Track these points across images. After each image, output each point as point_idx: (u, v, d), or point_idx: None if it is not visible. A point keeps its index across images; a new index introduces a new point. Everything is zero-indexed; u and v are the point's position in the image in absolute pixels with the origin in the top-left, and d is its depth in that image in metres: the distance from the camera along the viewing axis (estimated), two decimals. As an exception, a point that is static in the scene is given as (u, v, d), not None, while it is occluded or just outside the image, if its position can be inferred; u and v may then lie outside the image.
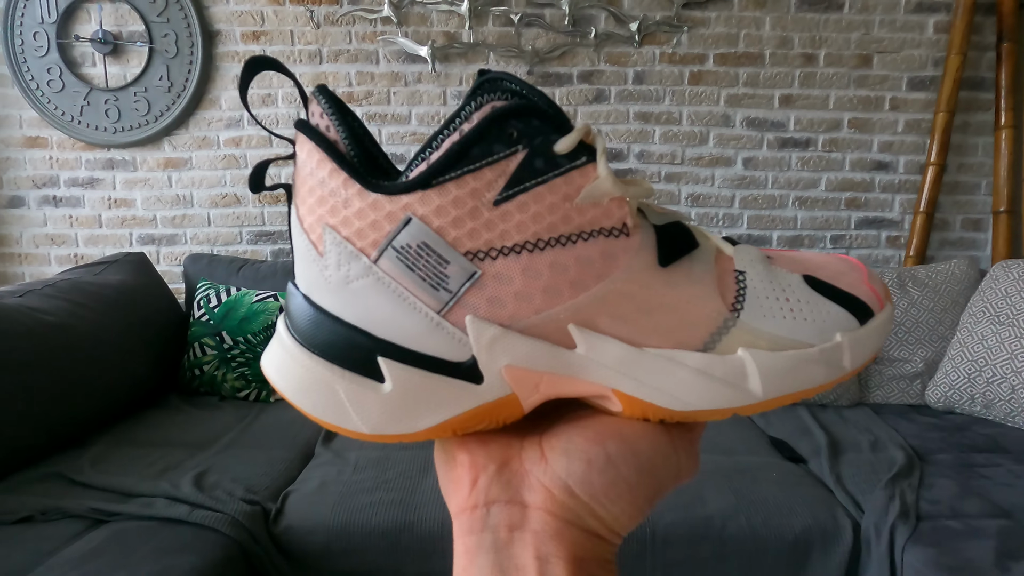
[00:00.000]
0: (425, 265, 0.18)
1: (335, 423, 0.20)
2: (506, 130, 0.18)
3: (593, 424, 0.20)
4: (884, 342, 0.22)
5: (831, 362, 0.21)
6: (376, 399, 0.19)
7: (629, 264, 0.19)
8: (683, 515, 0.97)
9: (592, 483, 0.19)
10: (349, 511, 0.97)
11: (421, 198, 0.18)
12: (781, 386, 0.20)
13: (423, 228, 0.18)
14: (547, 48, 1.79)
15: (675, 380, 0.20)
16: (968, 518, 0.94)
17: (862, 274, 0.22)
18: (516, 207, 0.18)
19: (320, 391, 0.19)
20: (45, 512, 0.89)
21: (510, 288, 0.18)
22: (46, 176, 1.85)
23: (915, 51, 1.79)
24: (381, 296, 0.19)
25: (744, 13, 1.78)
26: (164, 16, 1.74)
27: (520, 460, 0.20)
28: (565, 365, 0.19)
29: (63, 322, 1.19)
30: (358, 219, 0.18)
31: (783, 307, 0.21)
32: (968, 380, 1.37)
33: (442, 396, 0.19)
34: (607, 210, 0.19)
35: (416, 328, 0.19)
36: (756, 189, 1.87)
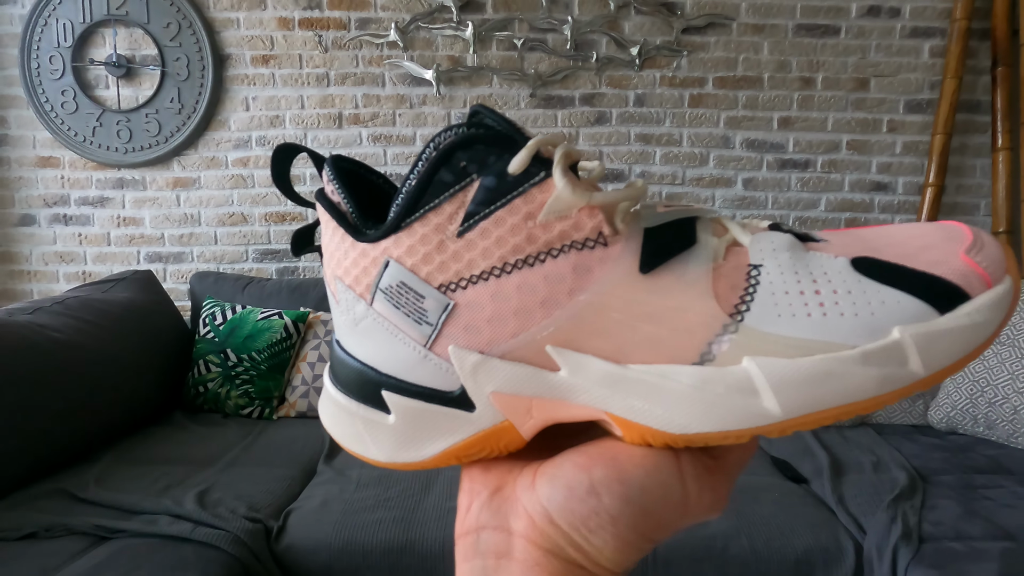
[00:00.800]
0: (406, 302, 0.19)
1: (358, 452, 0.22)
2: (456, 163, 0.18)
3: (589, 449, 0.19)
4: (997, 329, 0.17)
5: (886, 365, 0.16)
6: (386, 429, 0.21)
7: (606, 275, 0.18)
8: (685, 536, 0.97)
9: (572, 512, 0.18)
10: (351, 529, 0.97)
11: (395, 241, 0.19)
12: (807, 400, 0.17)
13: (399, 268, 0.19)
14: (550, 71, 1.82)
15: (668, 399, 0.18)
16: (971, 540, 0.93)
17: (961, 244, 0.18)
18: (478, 235, 0.18)
19: (345, 423, 0.22)
20: (49, 529, 0.90)
21: (483, 314, 0.19)
22: (57, 195, 1.88)
23: (911, 75, 1.82)
24: (379, 334, 0.20)
25: (743, 38, 1.82)
26: (177, 41, 1.79)
27: (513, 486, 0.20)
28: (551, 388, 0.19)
29: (71, 339, 1.21)
30: (354, 267, 0.20)
31: (809, 302, 0.17)
32: (970, 401, 1.37)
33: (440, 425, 0.20)
34: (577, 222, 0.18)
35: (409, 361, 0.20)
36: (756, 209, 1.89)
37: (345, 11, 1.81)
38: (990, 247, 0.18)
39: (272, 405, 1.49)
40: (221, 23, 1.82)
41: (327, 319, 1.59)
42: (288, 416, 1.49)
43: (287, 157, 0.22)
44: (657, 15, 1.80)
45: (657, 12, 1.79)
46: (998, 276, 0.17)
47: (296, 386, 1.51)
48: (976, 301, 0.17)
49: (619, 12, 1.80)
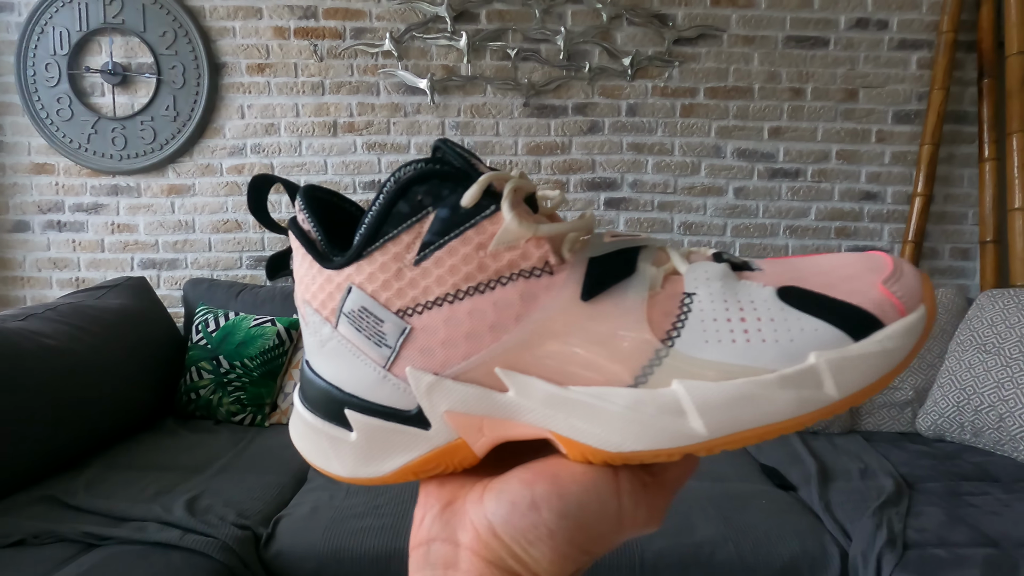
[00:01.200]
0: (367, 326, 0.20)
1: (322, 467, 0.23)
2: (414, 196, 0.19)
3: (535, 466, 0.20)
4: (904, 358, 0.18)
5: (803, 388, 0.18)
6: (348, 446, 0.22)
7: (550, 302, 0.19)
8: (672, 542, 0.98)
9: (514, 525, 0.19)
10: (340, 536, 0.97)
11: (356, 268, 0.20)
12: (731, 421, 0.18)
13: (361, 294, 0.20)
14: (543, 81, 1.84)
15: (604, 420, 0.19)
16: (955, 547, 0.94)
17: (881, 275, 0.19)
18: (433, 263, 0.19)
19: (312, 440, 0.23)
20: (38, 536, 0.90)
21: (436, 338, 0.20)
22: (51, 202, 1.89)
23: (899, 86, 1.85)
24: (343, 356, 0.21)
25: (733, 49, 1.84)
26: (173, 49, 1.80)
27: (463, 501, 0.21)
28: (500, 408, 0.20)
29: (64, 346, 1.21)
30: (320, 292, 0.21)
31: (735, 329, 0.18)
32: (957, 408, 1.38)
33: (398, 442, 0.21)
34: (525, 252, 0.19)
35: (369, 381, 0.21)
36: (747, 218, 1.91)
37: (340, 21, 1.83)
38: (908, 277, 0.19)
39: (264, 412, 1.49)
40: (217, 32, 1.83)
41: (320, 326, 1.60)
42: (280, 423, 1.49)
43: (263, 187, 0.23)
44: (649, 26, 1.82)
45: (649, 23, 1.82)
46: (912, 305, 0.18)
47: (288, 393, 1.51)
48: (888, 329, 0.18)
49: (611, 23, 1.82)
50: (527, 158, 1.88)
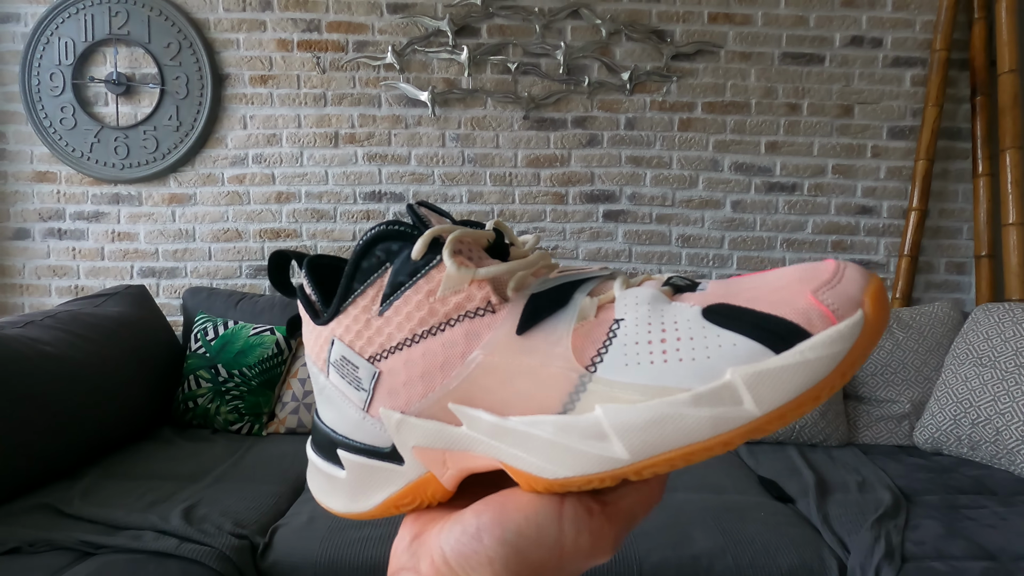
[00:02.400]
0: (348, 372, 0.23)
1: (326, 504, 0.26)
2: (373, 255, 0.22)
3: (490, 497, 0.21)
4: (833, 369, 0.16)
5: (718, 405, 0.17)
6: (340, 483, 0.25)
7: (490, 339, 0.20)
8: (670, 554, 0.98)
9: (460, 552, 0.20)
10: (337, 547, 0.97)
11: (337, 323, 0.23)
12: (651, 443, 0.18)
13: (341, 345, 0.23)
14: (542, 95, 1.86)
15: (536, 448, 0.19)
16: (953, 560, 0.94)
17: (813, 284, 0.18)
18: (393, 312, 0.21)
19: (318, 479, 0.26)
20: (33, 544, 0.89)
21: (399, 379, 0.22)
22: (52, 209, 1.89)
23: (894, 102, 1.88)
24: (334, 401, 0.24)
25: (730, 65, 1.87)
26: (177, 60, 1.82)
27: (430, 531, 0.22)
28: (456, 441, 0.21)
29: (62, 353, 1.21)
30: (315, 346, 0.24)
31: (655, 350, 0.18)
32: (954, 422, 1.39)
33: (379, 478, 0.24)
34: (469, 295, 0.20)
35: (353, 422, 0.24)
36: (745, 231, 1.92)
37: (343, 34, 1.86)
38: (846, 283, 0.17)
39: (262, 421, 1.49)
40: (221, 43, 1.85)
41: (319, 335, 1.60)
42: (278, 432, 1.49)
43: (283, 263, 0.26)
44: (647, 42, 1.85)
45: (647, 39, 1.84)
46: (845, 312, 0.17)
47: (286, 402, 1.51)
48: (813, 339, 0.17)
49: (611, 38, 1.85)
50: (526, 170, 1.90)
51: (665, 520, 1.05)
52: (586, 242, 1.92)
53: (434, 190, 1.90)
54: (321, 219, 1.91)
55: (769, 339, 0.17)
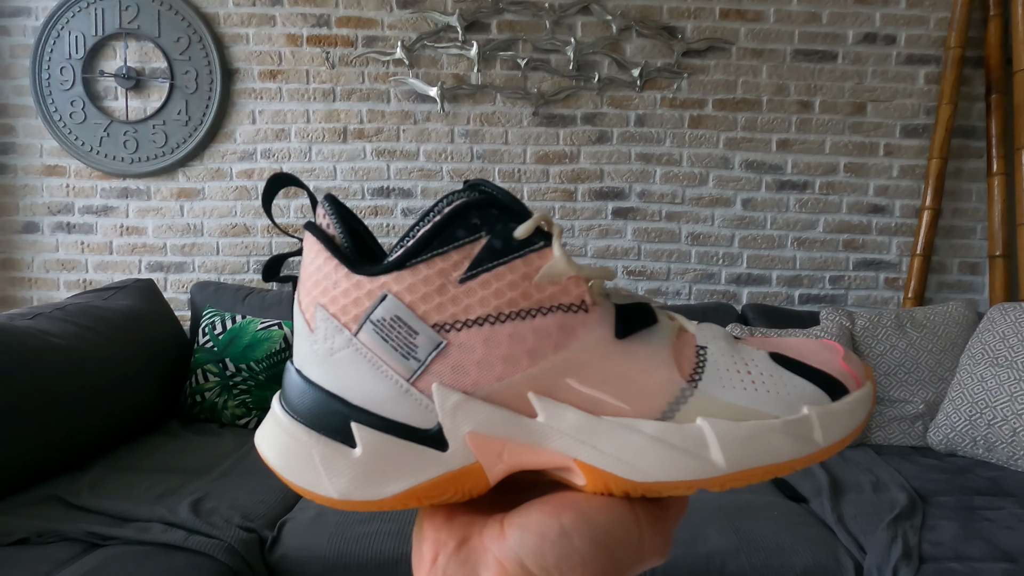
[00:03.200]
0: (397, 336, 0.20)
1: (308, 488, 0.21)
2: (470, 219, 0.20)
3: (553, 498, 0.21)
4: (863, 421, 0.22)
5: (799, 435, 0.20)
6: (346, 464, 0.20)
7: (586, 336, 0.20)
8: (683, 553, 0.96)
9: (544, 555, 0.19)
10: (345, 541, 0.96)
11: (396, 277, 0.20)
12: (745, 457, 0.20)
13: (396, 303, 0.20)
14: (552, 91, 1.85)
15: (632, 448, 0.20)
16: (972, 561, 0.92)
17: (838, 353, 0.23)
18: (479, 284, 0.20)
19: (298, 456, 0.21)
20: (41, 534, 0.89)
21: (472, 357, 0.20)
22: (61, 203, 1.89)
23: (907, 100, 1.86)
24: (358, 365, 0.20)
25: (742, 62, 1.85)
26: (186, 54, 1.82)
27: (480, 537, 0.20)
28: (526, 433, 0.20)
29: (71, 345, 1.20)
30: (343, 297, 0.20)
31: (744, 379, 0.21)
32: (969, 422, 1.37)
33: (408, 462, 0.20)
34: (565, 288, 0.21)
35: (387, 395, 0.20)
36: (755, 229, 1.91)
37: (353, 29, 1.85)
38: (855, 359, 0.23)
39: (269, 416, 1.48)
40: (231, 38, 1.85)
41: (326, 330, 1.59)
42: (285, 427, 1.48)
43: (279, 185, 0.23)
44: (658, 38, 1.84)
45: (658, 35, 1.83)
46: (863, 379, 0.22)
47: (294, 397, 1.50)
48: (854, 395, 0.22)
49: (621, 35, 1.84)
50: (535, 167, 1.89)
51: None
52: (595, 239, 1.91)
53: (443, 186, 1.89)
54: (329, 215, 1.90)
55: (827, 389, 0.21)
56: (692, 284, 1.92)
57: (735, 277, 1.92)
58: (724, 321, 1.67)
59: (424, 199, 1.89)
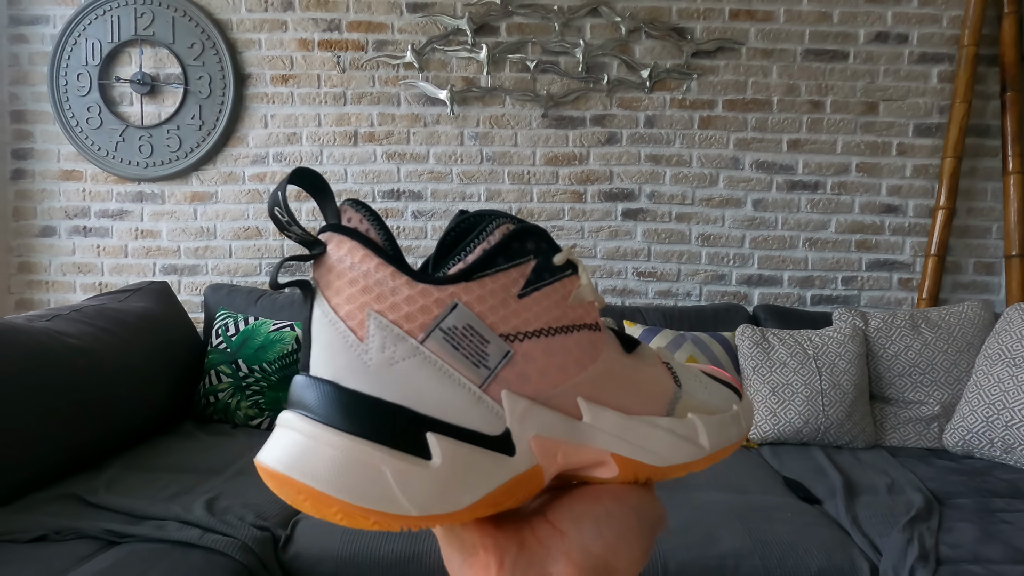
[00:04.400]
0: (468, 344, 0.20)
1: (378, 507, 0.19)
2: (524, 243, 0.22)
3: (584, 492, 0.24)
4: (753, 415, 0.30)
5: (738, 423, 0.28)
6: (424, 476, 0.19)
7: (607, 351, 0.24)
8: (696, 554, 0.96)
9: (604, 536, 0.22)
10: (357, 540, 0.96)
11: (465, 288, 0.21)
12: (718, 441, 0.26)
13: (467, 312, 0.21)
14: (561, 93, 1.86)
15: (655, 440, 0.24)
16: (990, 563, 0.91)
17: (723, 372, 0.31)
18: (533, 301, 0.22)
19: (362, 474, 0.19)
20: (59, 532, 0.90)
21: (534, 366, 0.22)
22: (78, 207, 1.92)
23: (920, 99, 1.84)
24: (428, 374, 0.20)
25: (752, 62, 1.85)
26: (200, 60, 1.84)
27: (536, 538, 0.22)
28: (577, 434, 0.23)
29: (87, 346, 1.22)
30: (407, 304, 0.20)
31: (700, 385, 0.28)
32: (986, 423, 1.35)
33: (483, 469, 0.20)
34: (588, 310, 0.24)
35: (460, 403, 0.20)
36: (766, 230, 1.90)
37: (363, 33, 1.87)
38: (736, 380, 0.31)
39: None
40: (243, 44, 1.88)
41: (338, 332, 1.60)
42: (297, 428, 1.49)
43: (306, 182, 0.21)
44: (667, 39, 1.84)
45: (667, 36, 1.83)
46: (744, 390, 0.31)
47: (305, 398, 1.51)
48: (747, 398, 0.30)
49: (630, 36, 1.84)
50: (545, 168, 1.89)
51: (689, 520, 1.03)
52: (604, 241, 1.91)
53: (452, 188, 1.90)
54: (340, 217, 1.92)
55: (735, 393, 0.29)
56: (703, 285, 1.91)
57: (746, 278, 1.91)
58: (736, 323, 1.66)
59: (434, 201, 1.90)
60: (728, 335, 1.60)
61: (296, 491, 0.19)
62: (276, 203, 0.20)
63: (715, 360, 1.53)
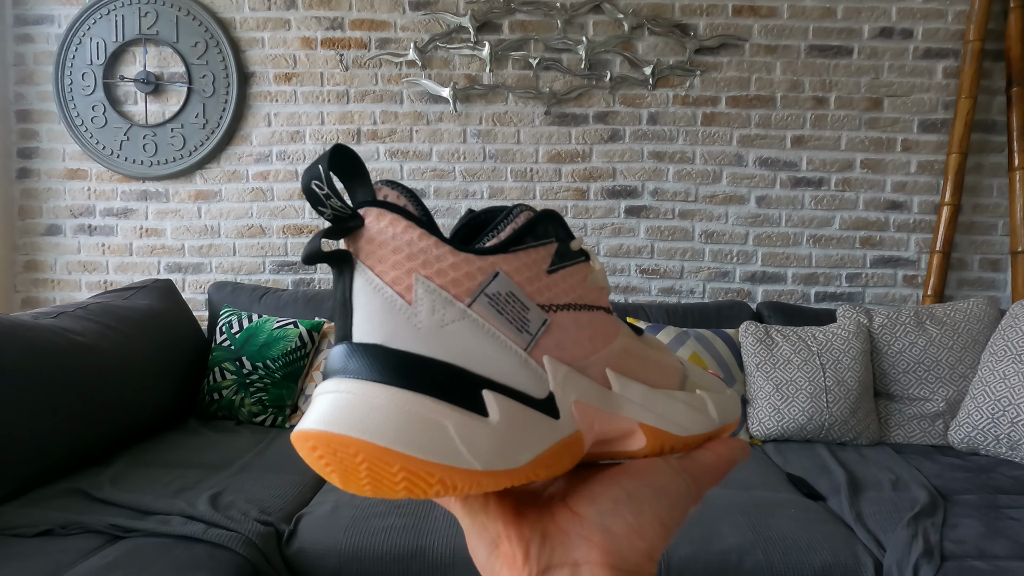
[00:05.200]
0: (511, 310, 0.21)
1: (444, 461, 0.18)
2: (547, 226, 0.23)
3: (602, 474, 0.24)
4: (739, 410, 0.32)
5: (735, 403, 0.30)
6: (486, 431, 0.19)
7: (621, 331, 0.26)
8: (699, 548, 0.96)
9: (624, 516, 0.22)
10: (361, 535, 0.97)
11: (504, 259, 0.22)
12: (724, 416, 0.28)
13: (508, 280, 0.22)
14: (564, 90, 1.86)
15: (676, 410, 0.26)
16: (996, 559, 0.91)
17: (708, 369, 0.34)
18: (560, 277, 0.23)
19: (426, 428, 0.18)
20: (65, 526, 0.91)
21: (568, 335, 0.23)
22: (83, 206, 1.93)
23: (925, 95, 1.83)
24: (477, 336, 0.20)
25: (755, 58, 1.84)
26: (204, 59, 1.85)
27: (557, 525, 0.22)
28: (609, 403, 0.24)
29: (93, 343, 1.23)
30: (453, 271, 0.21)
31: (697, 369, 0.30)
32: (992, 420, 1.34)
33: (535, 429, 0.21)
34: (601, 295, 0.25)
35: (509, 364, 0.21)
36: (770, 227, 1.89)
37: (366, 32, 1.87)
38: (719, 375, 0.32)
39: (285, 413, 1.50)
40: (246, 42, 1.88)
41: (341, 329, 1.60)
42: (300, 425, 1.49)
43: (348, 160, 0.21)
44: (670, 36, 1.83)
45: (670, 33, 1.83)
46: None
47: (309, 395, 1.52)
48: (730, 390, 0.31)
49: (633, 33, 1.84)
50: (548, 166, 1.89)
51: (692, 515, 1.03)
52: (608, 238, 1.91)
53: (455, 186, 1.90)
54: (343, 215, 1.92)
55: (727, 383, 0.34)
56: (706, 282, 1.91)
57: (750, 275, 1.90)
58: (739, 320, 1.66)
59: (437, 199, 1.91)
60: (731, 332, 1.59)
61: (353, 452, 0.18)
62: (315, 176, 0.20)
63: (719, 357, 1.53)
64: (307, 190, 0.20)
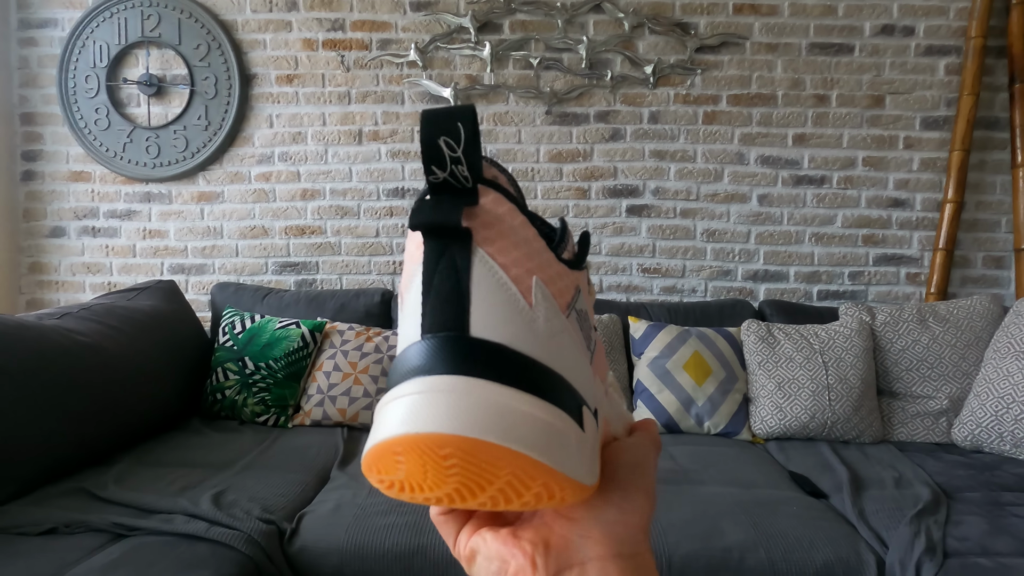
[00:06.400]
0: (585, 327, 0.22)
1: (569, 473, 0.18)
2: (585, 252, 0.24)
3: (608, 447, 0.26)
4: None
5: None
6: (589, 448, 0.19)
7: None
8: (701, 546, 0.95)
9: (615, 503, 0.23)
10: (363, 533, 0.97)
11: (579, 276, 0.22)
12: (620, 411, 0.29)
13: (582, 299, 0.22)
14: (565, 89, 1.86)
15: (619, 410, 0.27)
16: (999, 556, 0.90)
17: None
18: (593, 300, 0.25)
19: (559, 440, 0.18)
20: (69, 525, 0.91)
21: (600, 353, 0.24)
22: (87, 208, 1.95)
23: (927, 92, 1.83)
24: (572, 350, 0.20)
25: (756, 56, 1.84)
26: (206, 61, 1.86)
27: (556, 534, 0.22)
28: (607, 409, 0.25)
29: (97, 343, 1.24)
30: (559, 281, 0.20)
31: None
32: (995, 418, 1.34)
33: (597, 444, 0.21)
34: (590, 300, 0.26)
35: (588, 380, 0.21)
36: (772, 225, 1.89)
37: (367, 33, 1.88)
38: None
39: (287, 413, 1.50)
40: (248, 44, 1.89)
41: (343, 329, 1.61)
42: (303, 424, 1.50)
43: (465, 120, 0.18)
44: (671, 35, 1.83)
45: (671, 32, 1.83)
46: None
47: (311, 395, 1.52)
48: None
49: (633, 32, 1.84)
50: (549, 165, 1.89)
51: (694, 512, 1.03)
52: (609, 237, 1.91)
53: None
54: (345, 216, 1.93)
55: None
56: (708, 281, 1.90)
57: (752, 274, 1.90)
58: (741, 318, 1.65)
59: (439, 199, 1.91)
60: (734, 330, 1.59)
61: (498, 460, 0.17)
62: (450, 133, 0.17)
63: (721, 356, 1.52)
64: (431, 145, 0.17)
